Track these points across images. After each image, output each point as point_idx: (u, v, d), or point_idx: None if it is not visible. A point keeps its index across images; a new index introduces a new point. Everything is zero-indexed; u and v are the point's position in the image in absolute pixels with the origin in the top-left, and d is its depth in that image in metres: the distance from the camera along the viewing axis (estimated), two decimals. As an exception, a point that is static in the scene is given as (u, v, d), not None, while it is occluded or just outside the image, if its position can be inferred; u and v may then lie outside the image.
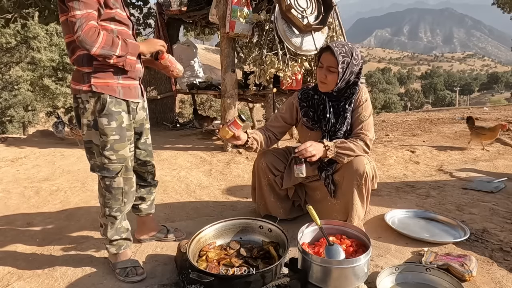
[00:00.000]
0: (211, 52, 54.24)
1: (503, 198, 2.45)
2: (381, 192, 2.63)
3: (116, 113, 1.55)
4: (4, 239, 2.08)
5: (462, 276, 1.47)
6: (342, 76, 1.76)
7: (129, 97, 1.61)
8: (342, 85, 1.80)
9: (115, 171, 1.60)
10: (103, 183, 1.63)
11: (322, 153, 1.71)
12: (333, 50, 1.72)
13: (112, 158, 1.58)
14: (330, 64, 1.75)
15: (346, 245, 1.55)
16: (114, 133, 1.55)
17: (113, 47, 1.44)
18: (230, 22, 3.63)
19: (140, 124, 1.76)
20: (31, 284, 1.63)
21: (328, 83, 1.79)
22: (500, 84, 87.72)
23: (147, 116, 1.81)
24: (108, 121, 1.53)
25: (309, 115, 1.93)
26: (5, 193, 2.86)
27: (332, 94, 1.85)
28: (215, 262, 1.46)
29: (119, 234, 1.69)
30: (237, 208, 2.49)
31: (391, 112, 20.62)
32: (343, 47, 1.75)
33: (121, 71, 1.56)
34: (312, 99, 1.93)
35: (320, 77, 1.81)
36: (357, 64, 1.79)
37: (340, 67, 1.73)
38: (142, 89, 1.74)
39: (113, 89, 1.54)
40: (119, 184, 1.63)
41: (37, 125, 19.02)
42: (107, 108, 1.52)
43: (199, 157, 3.93)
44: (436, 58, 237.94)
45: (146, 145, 1.84)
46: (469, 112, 8.32)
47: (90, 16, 1.41)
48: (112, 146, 1.56)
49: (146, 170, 1.87)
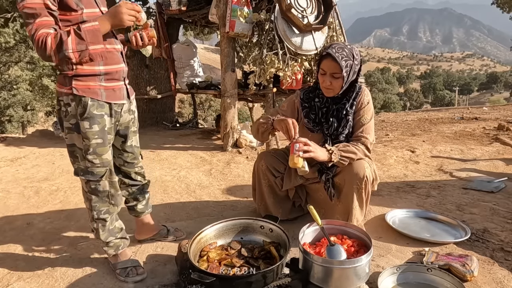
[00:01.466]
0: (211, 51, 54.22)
1: (504, 198, 2.44)
2: (381, 192, 2.63)
3: (98, 116, 1.51)
4: (3, 239, 2.08)
5: (464, 276, 1.47)
6: (347, 80, 1.75)
7: (112, 99, 1.56)
8: (346, 87, 1.80)
9: (100, 174, 1.57)
10: (88, 187, 1.60)
11: (326, 157, 1.67)
12: (334, 56, 1.68)
13: (96, 162, 1.55)
14: (333, 70, 1.72)
15: (348, 245, 1.54)
16: (96, 136, 1.52)
17: (63, 45, 1.33)
18: (230, 21, 3.63)
19: (125, 127, 1.71)
20: (31, 284, 1.63)
21: (334, 88, 1.77)
22: (499, 84, 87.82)
23: (134, 119, 1.75)
24: (90, 125, 1.50)
25: (311, 117, 1.92)
26: (4, 193, 2.86)
27: (337, 97, 1.84)
28: (216, 262, 1.45)
29: (113, 235, 1.68)
30: (237, 208, 2.49)
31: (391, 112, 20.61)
32: (343, 50, 1.71)
33: (103, 73, 1.51)
34: (313, 101, 1.92)
35: (325, 84, 1.77)
36: (358, 64, 1.78)
37: (345, 72, 1.70)
38: (128, 90, 1.67)
39: (95, 92, 1.49)
40: (104, 187, 1.60)
41: (36, 124, 19.00)
42: (88, 111, 1.48)
43: (199, 157, 3.92)
44: (435, 58, 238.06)
45: (132, 148, 1.79)
46: (468, 111, 8.32)
47: (40, 25, 1.33)
48: (94, 150, 1.54)
49: (135, 171, 1.84)
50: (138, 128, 1.82)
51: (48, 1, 1.35)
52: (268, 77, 3.75)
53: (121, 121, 1.66)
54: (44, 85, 16.89)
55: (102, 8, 1.55)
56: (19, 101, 17.08)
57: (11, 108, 16.97)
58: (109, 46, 1.53)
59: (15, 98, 16.81)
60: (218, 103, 20.08)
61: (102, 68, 1.50)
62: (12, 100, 16.75)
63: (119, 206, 1.72)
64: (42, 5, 1.34)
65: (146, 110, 5.98)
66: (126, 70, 1.66)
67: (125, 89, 1.65)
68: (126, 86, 1.66)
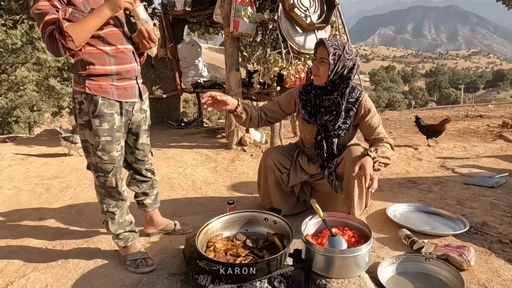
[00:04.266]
0: (215, 51, 54.29)
1: (504, 193, 2.48)
2: (383, 188, 2.68)
3: (108, 115, 1.57)
4: (17, 233, 2.16)
5: (461, 266, 1.52)
6: (334, 68, 1.82)
7: (124, 98, 1.61)
8: (335, 78, 1.86)
9: (108, 170, 1.65)
10: (98, 181, 1.68)
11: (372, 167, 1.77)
12: (325, 43, 1.81)
13: (104, 158, 1.63)
14: (322, 56, 1.84)
15: (348, 236, 1.60)
16: (105, 134, 1.59)
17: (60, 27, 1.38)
18: (234, 21, 3.69)
19: (137, 125, 1.77)
20: (46, 274, 1.70)
21: (321, 74, 1.86)
22: (505, 82, 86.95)
23: (145, 118, 1.81)
24: (100, 122, 1.57)
25: (307, 109, 2.01)
26: (16, 190, 2.95)
27: (327, 89, 1.92)
28: (223, 252, 1.52)
29: (122, 227, 1.75)
30: (242, 203, 2.55)
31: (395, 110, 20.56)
32: (336, 41, 1.85)
33: (116, 73, 1.57)
34: (310, 94, 2.02)
35: (314, 69, 1.90)
36: (350, 59, 1.84)
37: (331, 58, 1.80)
38: (140, 89, 1.72)
39: (106, 91, 1.55)
40: (111, 183, 1.67)
41: (42, 125, 19.17)
42: (98, 110, 1.55)
43: (204, 155, 3.99)
44: (440, 55, 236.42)
45: (143, 146, 1.85)
46: (473, 109, 8.30)
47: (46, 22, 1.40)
48: (103, 147, 1.60)
49: (145, 168, 1.91)
50: (149, 126, 1.88)
51: (56, 2, 1.42)
52: (272, 76, 3.81)
53: (133, 119, 1.73)
54: (50, 86, 17.04)
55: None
56: (26, 102, 17.25)
57: (18, 109, 17.15)
58: (120, 46, 1.59)
59: (21, 99, 16.98)
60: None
61: (114, 68, 1.56)
62: (19, 101, 16.93)
63: (128, 200, 1.79)
64: (50, 6, 1.42)
65: (151, 110, 6.00)
66: (139, 69, 1.71)
67: (137, 88, 1.70)
68: (138, 85, 1.71)
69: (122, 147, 1.72)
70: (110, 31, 1.56)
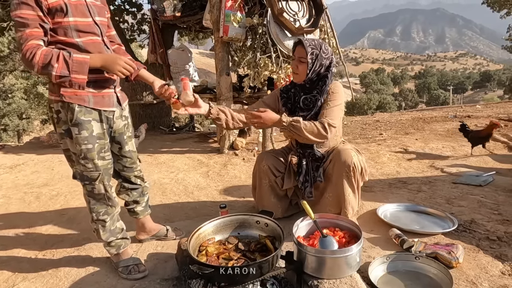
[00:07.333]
0: (205, 56, 54.34)
1: (491, 191, 2.53)
2: (374, 188, 2.71)
3: (86, 122, 1.54)
4: (7, 243, 2.13)
5: (450, 263, 1.54)
6: (312, 67, 1.88)
7: (101, 106, 1.58)
8: (313, 77, 1.92)
9: (93, 178, 1.63)
10: (86, 190, 1.67)
11: (277, 119, 1.84)
12: (303, 43, 1.87)
13: (89, 166, 1.60)
14: (300, 55, 1.89)
15: (339, 236, 1.62)
16: (85, 142, 1.56)
17: (49, 66, 1.38)
18: (223, 26, 3.71)
19: (119, 133, 1.74)
20: (36, 284, 1.68)
21: (300, 73, 1.92)
22: (492, 82, 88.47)
23: (127, 124, 1.79)
24: (79, 130, 1.54)
25: (287, 106, 2.06)
26: (5, 199, 2.91)
27: (305, 86, 1.97)
28: (215, 256, 1.52)
29: (114, 235, 1.74)
30: (234, 207, 2.55)
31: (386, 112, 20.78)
32: (313, 41, 1.91)
33: (92, 80, 1.52)
34: (290, 92, 2.07)
35: (292, 68, 1.95)
36: (326, 58, 1.90)
37: (309, 58, 1.85)
38: (119, 97, 1.69)
39: (82, 99, 1.52)
40: (99, 190, 1.65)
41: (31, 133, 18.93)
42: (76, 117, 1.52)
43: (196, 160, 3.98)
44: (429, 57, 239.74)
45: (130, 153, 1.83)
46: (462, 110, 8.44)
47: (30, 35, 1.38)
48: (85, 155, 1.58)
49: (134, 175, 1.88)
50: (133, 133, 1.87)
51: (41, 13, 1.40)
52: (262, 79, 3.83)
53: (115, 127, 1.70)
54: (39, 93, 16.88)
55: (97, 18, 1.57)
56: (14, 109, 17.03)
57: (6, 117, 16.92)
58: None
59: (10, 107, 16.77)
60: (214, 107, 20.05)
61: (91, 76, 1.51)
62: (7, 109, 16.71)
63: (118, 207, 1.77)
64: (36, 16, 1.39)
65: (142, 116, 6.04)
66: (118, 79, 1.67)
67: (115, 97, 1.68)
68: (116, 93, 1.68)
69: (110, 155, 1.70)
70: (89, 40, 1.53)
